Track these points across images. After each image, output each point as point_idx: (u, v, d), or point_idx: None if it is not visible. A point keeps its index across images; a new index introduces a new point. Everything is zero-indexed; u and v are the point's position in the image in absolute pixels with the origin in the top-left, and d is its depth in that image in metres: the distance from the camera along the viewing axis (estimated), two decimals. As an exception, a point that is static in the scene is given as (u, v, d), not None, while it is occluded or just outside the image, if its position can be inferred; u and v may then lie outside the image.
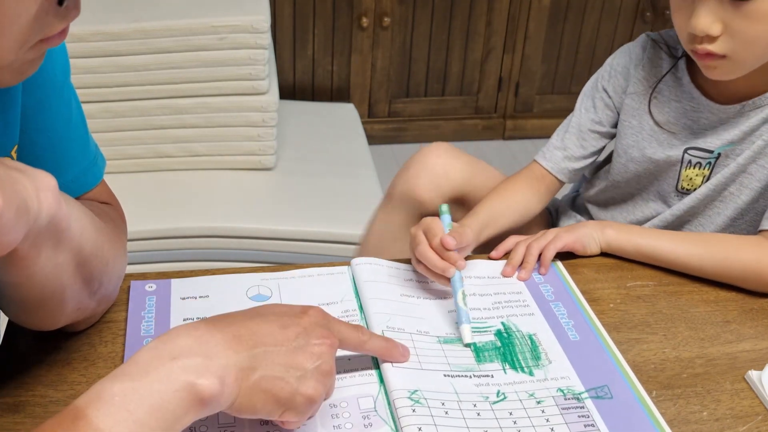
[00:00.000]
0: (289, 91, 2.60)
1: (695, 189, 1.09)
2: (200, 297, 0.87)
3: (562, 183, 1.20)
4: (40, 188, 0.58)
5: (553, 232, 0.98)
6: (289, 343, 0.64)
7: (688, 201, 1.10)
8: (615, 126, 1.16)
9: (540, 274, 0.95)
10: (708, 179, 1.08)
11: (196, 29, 1.79)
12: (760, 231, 0.99)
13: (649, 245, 0.97)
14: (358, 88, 2.66)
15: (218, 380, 0.59)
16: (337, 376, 0.77)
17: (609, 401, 0.76)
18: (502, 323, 0.86)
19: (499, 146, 2.80)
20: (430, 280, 0.92)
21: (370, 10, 2.53)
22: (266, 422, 0.71)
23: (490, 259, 0.98)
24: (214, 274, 0.92)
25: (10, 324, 0.82)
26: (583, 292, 0.92)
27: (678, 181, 1.10)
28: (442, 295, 0.91)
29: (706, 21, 0.93)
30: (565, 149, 1.18)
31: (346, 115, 2.33)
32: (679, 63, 1.10)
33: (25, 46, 0.57)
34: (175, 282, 0.89)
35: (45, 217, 0.59)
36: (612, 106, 1.16)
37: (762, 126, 1.03)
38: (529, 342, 0.84)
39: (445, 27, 2.62)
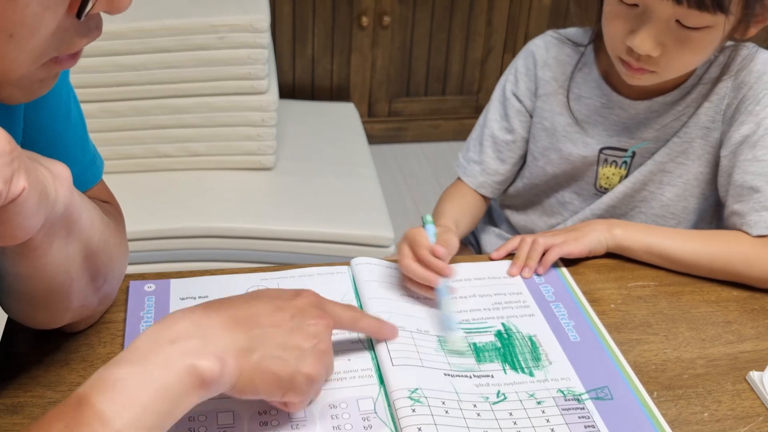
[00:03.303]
0: (288, 91, 2.60)
1: (612, 187, 1.09)
2: (199, 297, 0.87)
3: (488, 198, 1.19)
4: (56, 177, 0.59)
5: (561, 235, 0.97)
6: (285, 324, 0.66)
7: (607, 200, 1.10)
8: (529, 131, 1.15)
9: (537, 274, 0.95)
10: (625, 178, 1.08)
11: (196, 28, 1.79)
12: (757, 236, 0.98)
13: (657, 243, 0.96)
14: (358, 88, 2.66)
15: (218, 361, 0.59)
16: (337, 377, 0.77)
17: (609, 402, 0.76)
18: (502, 324, 0.86)
19: (499, 146, 2.79)
20: None
21: (369, 9, 2.53)
22: (265, 423, 0.71)
23: (490, 260, 0.98)
24: (213, 274, 0.91)
25: (8, 324, 0.81)
26: (584, 293, 0.92)
27: (596, 180, 1.10)
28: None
29: (651, 43, 0.92)
30: (482, 163, 1.16)
31: (346, 115, 2.33)
32: (587, 59, 1.09)
33: (39, 61, 0.56)
34: (174, 282, 0.89)
35: (61, 206, 0.60)
36: (524, 110, 1.14)
37: (674, 122, 1.04)
38: (529, 343, 0.83)
39: (446, 26, 2.62)
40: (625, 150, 1.07)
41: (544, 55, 1.11)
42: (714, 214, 1.11)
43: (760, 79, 0.99)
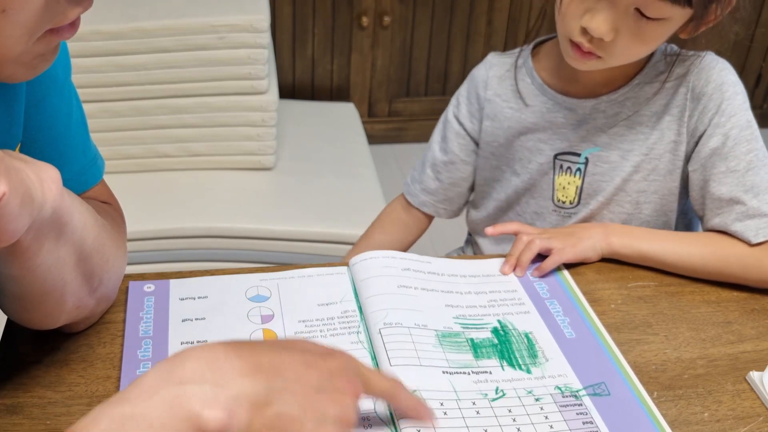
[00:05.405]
0: (288, 91, 2.60)
1: (570, 202, 1.09)
2: (199, 297, 0.87)
3: (431, 217, 1.21)
4: (44, 179, 0.58)
5: (558, 239, 0.96)
6: (310, 382, 0.59)
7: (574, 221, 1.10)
8: (472, 153, 1.15)
9: (532, 276, 0.95)
10: (581, 190, 1.08)
11: (196, 28, 1.79)
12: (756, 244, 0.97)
13: (652, 250, 0.96)
14: (358, 88, 2.66)
15: (226, 412, 0.53)
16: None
17: (607, 398, 0.76)
18: (498, 321, 0.86)
19: (499, 146, 2.79)
20: (427, 270, 0.92)
21: (370, 9, 2.53)
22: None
23: (485, 234, 1.00)
24: (213, 274, 0.91)
25: (8, 325, 0.81)
26: (584, 293, 0.92)
27: (553, 193, 1.10)
28: (439, 286, 0.91)
29: (606, 27, 0.91)
30: (421, 182, 1.19)
31: (346, 115, 2.33)
32: (527, 69, 1.09)
33: (35, 35, 0.56)
34: (173, 282, 0.89)
35: (48, 209, 0.59)
36: (464, 133, 1.14)
37: (626, 132, 1.03)
38: (525, 340, 0.84)
39: (446, 26, 2.62)
40: (578, 155, 1.06)
41: (485, 76, 1.13)
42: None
43: (719, 89, 0.98)
